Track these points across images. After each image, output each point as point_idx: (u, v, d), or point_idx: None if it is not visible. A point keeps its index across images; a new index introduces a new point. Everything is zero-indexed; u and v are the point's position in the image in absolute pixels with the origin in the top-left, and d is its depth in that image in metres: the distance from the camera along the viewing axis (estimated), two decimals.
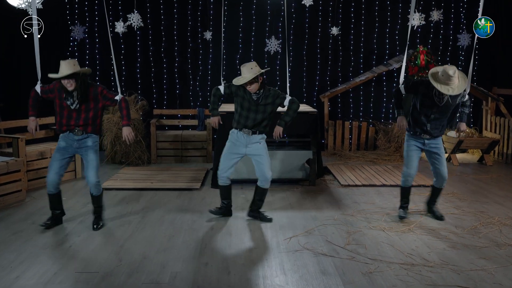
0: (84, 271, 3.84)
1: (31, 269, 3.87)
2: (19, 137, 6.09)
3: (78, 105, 4.62)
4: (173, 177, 7.04)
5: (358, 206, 5.73)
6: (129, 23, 8.31)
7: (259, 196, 5.10)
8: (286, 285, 3.65)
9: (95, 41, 9.04)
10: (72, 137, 4.70)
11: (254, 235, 4.72)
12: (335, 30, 9.05)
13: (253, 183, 5.46)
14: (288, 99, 4.93)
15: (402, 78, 5.38)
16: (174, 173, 7.34)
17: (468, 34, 9.36)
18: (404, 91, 5.13)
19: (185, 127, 9.19)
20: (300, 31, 9.33)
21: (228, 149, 5.05)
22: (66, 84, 4.52)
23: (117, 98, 4.77)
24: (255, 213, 5.15)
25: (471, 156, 9.07)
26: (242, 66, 4.79)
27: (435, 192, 5.32)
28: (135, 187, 6.48)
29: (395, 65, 8.99)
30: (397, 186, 6.31)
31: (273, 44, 9.05)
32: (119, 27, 8.31)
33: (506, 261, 4.13)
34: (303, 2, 8.40)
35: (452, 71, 4.59)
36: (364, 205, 5.80)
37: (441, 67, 4.72)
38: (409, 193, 5.29)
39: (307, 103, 9.09)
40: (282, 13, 8.81)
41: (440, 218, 5.22)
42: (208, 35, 8.97)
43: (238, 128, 4.97)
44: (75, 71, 4.48)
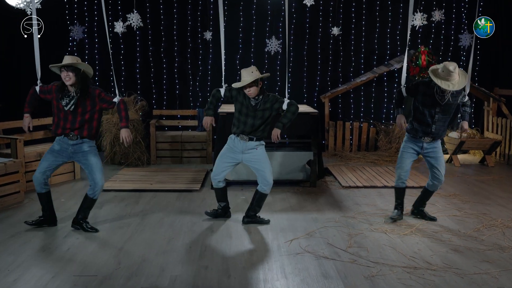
0: (82, 274, 3.79)
1: (29, 272, 3.82)
2: (17, 138, 6.04)
3: (73, 107, 4.54)
4: (173, 178, 6.99)
5: (360, 208, 5.68)
6: (128, 23, 8.25)
7: (257, 202, 5.04)
8: None
9: (94, 41, 8.99)
10: (66, 141, 4.63)
11: (255, 238, 4.68)
12: (336, 30, 9.00)
13: (253, 184, 5.41)
14: (287, 102, 4.90)
15: (403, 79, 5.35)
16: (173, 174, 7.29)
17: (470, 34, 9.31)
18: (405, 93, 5.11)
19: (184, 128, 9.13)
20: (301, 31, 9.28)
21: (225, 153, 5.03)
22: (65, 77, 4.46)
23: (115, 100, 4.71)
24: (251, 218, 5.09)
25: (473, 157, 9.02)
26: (243, 70, 4.78)
27: (426, 195, 5.25)
28: (134, 188, 6.44)
29: (396, 66, 8.95)
30: None
31: (274, 44, 9.00)
32: (119, 27, 8.25)
33: (510, 264, 4.08)
34: (304, 2, 8.35)
35: (453, 67, 4.59)
36: (365, 206, 5.75)
37: (441, 64, 4.72)
38: (402, 194, 5.21)
39: (307, 103, 9.04)
40: (282, 13, 8.78)
41: (433, 219, 5.19)
42: (208, 35, 8.92)
43: (236, 134, 4.94)
44: (76, 64, 4.45)
